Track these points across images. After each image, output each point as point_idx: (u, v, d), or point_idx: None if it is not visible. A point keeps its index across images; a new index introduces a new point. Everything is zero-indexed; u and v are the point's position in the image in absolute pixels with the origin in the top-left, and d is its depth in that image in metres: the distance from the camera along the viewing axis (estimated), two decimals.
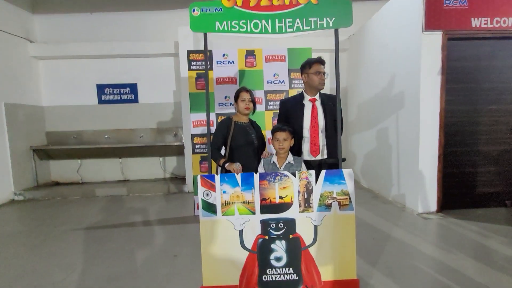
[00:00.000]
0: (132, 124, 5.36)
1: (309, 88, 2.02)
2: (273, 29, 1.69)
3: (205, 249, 1.69)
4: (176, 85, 5.32)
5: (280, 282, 1.70)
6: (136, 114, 5.35)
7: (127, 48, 5.09)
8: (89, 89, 5.31)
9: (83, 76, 5.28)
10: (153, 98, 5.35)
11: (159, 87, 5.32)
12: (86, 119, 5.32)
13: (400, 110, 3.60)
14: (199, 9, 1.66)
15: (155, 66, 5.29)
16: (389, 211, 3.43)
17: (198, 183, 1.68)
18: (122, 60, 5.26)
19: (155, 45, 5.09)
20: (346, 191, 1.69)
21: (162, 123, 5.39)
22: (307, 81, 2.02)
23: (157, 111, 5.35)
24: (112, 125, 5.35)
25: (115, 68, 5.28)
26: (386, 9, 3.92)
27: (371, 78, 4.43)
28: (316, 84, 1.98)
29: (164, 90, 5.34)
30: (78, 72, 5.28)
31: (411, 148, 3.39)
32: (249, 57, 3.48)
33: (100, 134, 5.34)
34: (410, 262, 2.20)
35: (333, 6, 1.68)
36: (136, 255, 2.48)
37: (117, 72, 5.30)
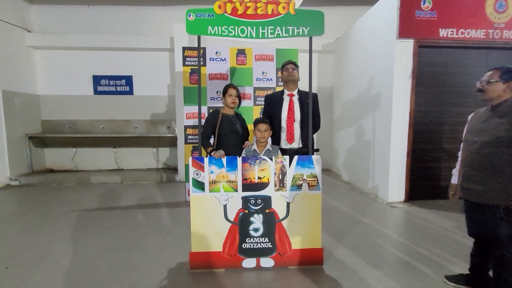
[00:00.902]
0: (127, 115, 5.57)
1: (285, 83, 2.36)
2: (257, 34, 1.98)
3: (194, 220, 1.98)
4: (170, 79, 5.55)
5: (257, 250, 2.02)
6: (131, 106, 5.56)
7: (123, 42, 5.28)
8: (85, 80, 5.47)
9: (79, 67, 5.44)
10: (148, 90, 5.56)
11: (154, 80, 5.54)
12: (82, 108, 5.49)
13: (376, 110, 3.95)
14: (194, 14, 1.94)
15: (150, 60, 5.49)
16: (363, 201, 3.80)
17: (190, 164, 1.97)
18: (119, 53, 5.45)
19: (151, 40, 5.30)
20: (315, 174, 2.01)
21: (156, 115, 5.62)
22: (281, 77, 2.39)
23: (152, 104, 5.57)
24: (107, 116, 5.55)
25: (111, 60, 5.46)
26: (368, 16, 4.25)
27: (353, 79, 4.78)
28: (286, 78, 2.34)
29: (159, 83, 5.56)
30: (75, 63, 5.43)
31: (384, 144, 3.75)
32: (240, 56, 3.76)
33: (95, 124, 5.53)
34: (373, 240, 2.55)
35: (308, 17, 1.98)
36: (132, 232, 2.75)
37: (113, 64, 5.48)
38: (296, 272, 1.99)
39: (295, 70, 2.34)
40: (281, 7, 1.99)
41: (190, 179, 1.97)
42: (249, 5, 1.96)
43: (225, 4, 1.95)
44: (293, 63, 2.37)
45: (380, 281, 1.89)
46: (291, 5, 1.97)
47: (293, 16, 1.97)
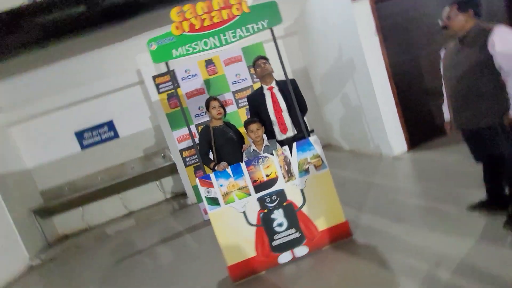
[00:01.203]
0: (120, 158, 5.54)
1: (261, 79, 2.40)
2: (220, 42, 2.01)
3: (220, 235, 2.01)
4: (150, 110, 5.54)
5: (288, 242, 2.06)
6: (121, 149, 5.54)
7: (93, 89, 5.25)
8: (68, 138, 5.43)
9: (59, 128, 5.40)
10: (132, 128, 5.54)
11: (134, 117, 5.52)
12: (74, 167, 5.45)
13: (354, 74, 4.02)
14: (155, 43, 1.96)
15: (125, 98, 5.47)
16: (369, 163, 3.87)
17: (198, 185, 2.00)
18: (92, 102, 5.41)
19: (120, 79, 5.28)
20: (317, 154, 2.05)
21: (148, 149, 5.61)
22: (256, 74, 2.41)
23: (140, 140, 5.56)
24: (102, 165, 5.52)
25: (87, 111, 5.42)
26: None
27: (323, 53, 4.84)
28: (258, 73, 2.38)
29: (140, 118, 5.55)
30: (53, 126, 5.38)
31: (371, 104, 3.82)
32: (209, 66, 3.78)
33: (92, 177, 5.49)
34: (390, 197, 2.62)
35: (263, 11, 2.02)
36: (167, 268, 2.77)
37: (91, 114, 5.44)
38: (330, 251, 2.04)
39: (267, 63, 2.38)
40: (235, 9, 2.02)
41: (203, 198, 2.00)
42: (204, 17, 1.99)
43: (181, 24, 1.97)
44: (263, 57, 2.41)
45: (409, 233, 1.95)
46: (243, 5, 2.00)
47: (248, 14, 2.01)
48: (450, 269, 1.53)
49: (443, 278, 1.49)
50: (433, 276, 1.53)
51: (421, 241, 1.83)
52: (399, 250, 1.82)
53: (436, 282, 1.49)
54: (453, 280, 1.46)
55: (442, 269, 1.55)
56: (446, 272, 1.52)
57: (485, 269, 1.46)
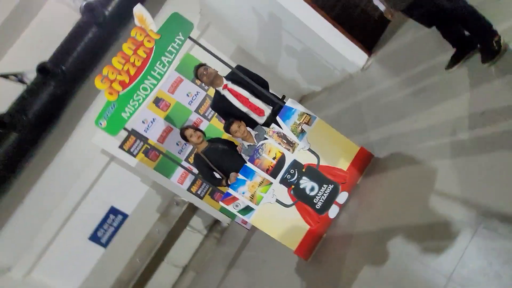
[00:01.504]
0: (142, 231, 5.46)
1: (212, 85, 2.37)
2: (156, 79, 1.98)
3: (270, 232, 2.07)
4: (137, 175, 5.42)
5: (328, 198, 2.13)
6: (137, 223, 5.46)
7: (75, 194, 5.08)
8: (87, 247, 5.28)
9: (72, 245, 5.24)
10: (134, 200, 5.42)
11: (129, 190, 5.39)
12: (109, 266, 5.38)
13: (282, 25, 4.00)
14: (103, 119, 1.92)
15: (109, 181, 5.31)
16: (346, 88, 3.95)
17: (224, 206, 2.02)
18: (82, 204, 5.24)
19: (92, 169, 5.12)
20: (301, 112, 2.10)
21: (160, 207, 5.55)
22: (205, 83, 2.38)
23: (147, 205, 5.48)
24: (132, 249, 5.44)
25: (85, 214, 5.25)
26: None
27: (244, 24, 4.78)
28: (206, 81, 2.34)
29: (134, 187, 5.43)
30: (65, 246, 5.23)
31: (312, 38, 3.79)
32: (160, 103, 3.72)
33: (131, 264, 5.42)
34: (381, 103, 2.70)
35: (171, 27, 1.99)
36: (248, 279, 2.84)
37: (90, 214, 5.29)
38: (366, 180, 2.13)
39: (208, 68, 2.33)
40: (146, 42, 1.98)
41: (236, 214, 2.04)
42: (126, 67, 1.95)
43: (112, 87, 1.93)
44: (201, 65, 2.35)
45: (416, 121, 2.04)
46: (151, 34, 1.96)
47: (161, 39, 1.97)
48: (467, 128, 1.63)
49: (466, 138, 1.59)
50: (457, 142, 1.63)
51: (432, 119, 1.92)
52: (417, 140, 1.91)
53: (463, 145, 1.58)
54: (474, 135, 1.56)
55: (460, 132, 1.65)
56: (465, 132, 1.61)
57: (491, 108, 1.56)
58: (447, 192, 1.50)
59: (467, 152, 1.54)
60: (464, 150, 1.56)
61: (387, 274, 1.51)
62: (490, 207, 1.27)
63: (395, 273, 1.47)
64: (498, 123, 1.48)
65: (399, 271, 1.45)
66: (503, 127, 1.43)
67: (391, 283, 1.46)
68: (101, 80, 1.92)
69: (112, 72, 1.93)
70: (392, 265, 1.51)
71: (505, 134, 1.41)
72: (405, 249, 1.50)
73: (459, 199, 1.42)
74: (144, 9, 1.90)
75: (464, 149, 1.56)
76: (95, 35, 3.98)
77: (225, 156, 2.36)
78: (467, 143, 1.57)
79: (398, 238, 1.57)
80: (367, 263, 1.66)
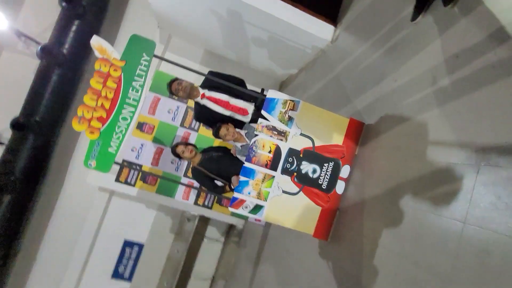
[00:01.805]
0: (162, 255, 5.45)
1: (190, 97, 2.32)
2: (133, 105, 1.94)
3: (285, 223, 2.09)
4: (142, 202, 5.38)
5: (331, 176, 2.14)
6: (155, 249, 5.43)
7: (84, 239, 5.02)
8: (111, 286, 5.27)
9: None
10: (145, 228, 5.39)
11: (137, 219, 5.35)
12: None
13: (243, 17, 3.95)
14: (91, 159, 1.88)
15: (116, 216, 5.27)
16: (321, 64, 3.95)
17: (234, 210, 2.02)
18: (96, 245, 5.20)
19: (97, 208, 5.05)
20: (284, 100, 2.09)
21: (172, 227, 5.52)
22: (182, 97, 2.33)
23: (159, 228, 5.44)
24: (156, 275, 5.44)
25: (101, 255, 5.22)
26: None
27: (205, 26, 4.69)
28: (183, 96, 2.28)
29: (142, 215, 5.38)
30: None
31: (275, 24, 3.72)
32: (144, 127, 3.67)
33: None
34: (359, 70, 2.71)
35: (134, 50, 1.94)
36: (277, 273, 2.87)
37: (106, 253, 5.25)
38: (362, 149, 2.15)
39: (181, 82, 2.29)
40: (113, 71, 1.93)
41: (247, 215, 2.04)
42: (100, 102, 1.90)
43: (91, 126, 1.88)
44: (173, 80, 2.31)
45: (396, 79, 2.06)
46: (115, 62, 1.91)
47: (127, 64, 1.93)
48: (446, 73, 1.65)
49: (447, 84, 1.61)
50: (440, 90, 1.65)
51: (410, 74, 1.93)
52: (402, 98, 1.92)
53: (445, 91, 1.61)
54: (454, 78, 1.58)
55: (440, 79, 1.67)
56: (445, 78, 1.63)
57: (464, 48, 1.58)
58: (442, 140, 1.53)
59: (451, 97, 1.56)
60: (448, 95, 1.58)
61: (405, 233, 1.54)
62: (486, 143, 1.30)
63: (413, 231, 1.50)
64: (473, 60, 1.50)
65: (416, 228, 1.48)
66: (480, 63, 1.45)
67: (410, 240, 1.49)
68: (78, 121, 1.87)
69: (87, 110, 1.88)
70: (408, 224, 1.54)
71: (483, 69, 1.43)
72: (416, 205, 1.53)
73: (455, 144, 1.44)
74: (101, 39, 1.85)
75: (448, 94, 1.58)
76: (59, 76, 3.87)
77: (222, 162, 2.35)
78: (449, 88, 1.59)
79: (407, 196, 1.60)
80: (384, 227, 1.68)
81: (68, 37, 3.87)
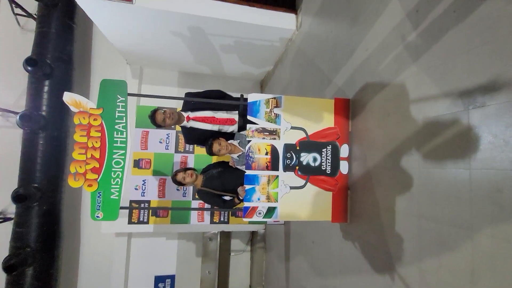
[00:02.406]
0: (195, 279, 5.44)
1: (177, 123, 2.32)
2: (122, 148, 1.95)
3: (302, 217, 2.09)
4: (158, 236, 5.34)
5: (333, 159, 2.15)
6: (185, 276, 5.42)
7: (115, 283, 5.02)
8: None
9: None
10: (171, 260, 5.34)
11: (159, 254, 5.32)
12: None
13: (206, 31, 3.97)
14: (97, 211, 1.88)
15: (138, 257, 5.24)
16: (293, 56, 3.96)
17: (249, 219, 2.03)
18: None
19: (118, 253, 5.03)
20: (266, 99, 2.10)
21: (197, 251, 5.51)
22: (169, 126, 2.33)
23: (184, 254, 5.43)
24: None
25: None
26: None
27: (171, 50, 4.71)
28: (171, 123, 2.27)
29: (162, 247, 5.35)
30: None
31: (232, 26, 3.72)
32: (140, 164, 3.67)
33: None
34: (330, 49, 2.72)
35: (106, 94, 1.94)
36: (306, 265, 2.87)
37: None
38: (354, 124, 2.16)
39: (165, 111, 2.27)
40: (93, 120, 1.93)
41: (262, 220, 2.04)
42: (90, 153, 1.90)
43: (87, 179, 1.88)
44: (155, 111, 2.30)
45: (367, 47, 2.07)
46: (92, 111, 1.92)
47: (105, 109, 1.93)
48: (412, 29, 1.66)
49: (415, 38, 1.62)
50: (410, 46, 1.66)
51: (378, 39, 1.94)
52: (377, 64, 1.93)
53: (416, 45, 1.62)
54: (421, 31, 1.59)
55: (408, 35, 1.68)
56: (412, 33, 1.64)
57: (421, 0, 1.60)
58: (426, 95, 1.54)
59: (423, 50, 1.57)
60: (419, 49, 1.59)
61: (417, 194, 1.54)
62: (468, 87, 1.31)
63: (423, 189, 1.50)
64: (433, 9, 1.51)
65: (425, 185, 1.49)
66: (440, 10, 1.47)
67: (424, 199, 1.49)
68: (74, 178, 1.87)
69: (79, 165, 1.89)
70: (417, 184, 1.54)
71: (445, 15, 1.44)
72: (420, 164, 1.53)
73: (440, 95, 1.45)
74: (72, 94, 1.85)
75: (419, 48, 1.59)
76: (46, 139, 3.88)
77: (224, 177, 2.36)
78: (419, 41, 1.60)
79: (409, 158, 1.61)
80: (396, 193, 1.69)
81: (42, 98, 3.87)
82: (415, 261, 1.53)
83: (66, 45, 4.12)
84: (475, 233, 1.22)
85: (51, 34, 3.99)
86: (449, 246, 1.34)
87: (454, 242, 1.31)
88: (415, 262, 1.53)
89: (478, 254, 1.21)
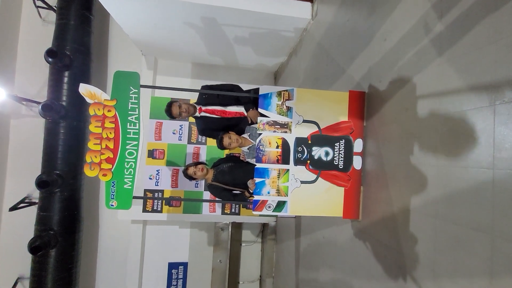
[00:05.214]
0: (207, 267, 5.57)
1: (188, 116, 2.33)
2: (135, 139, 1.98)
3: (313, 212, 2.07)
4: (171, 224, 5.48)
5: (346, 154, 2.09)
6: (198, 263, 5.56)
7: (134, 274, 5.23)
8: None
9: None
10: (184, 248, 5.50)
11: (173, 242, 5.48)
12: None
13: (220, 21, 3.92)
14: (112, 200, 1.94)
15: (152, 243, 5.43)
16: (307, 47, 3.84)
17: (259, 213, 2.02)
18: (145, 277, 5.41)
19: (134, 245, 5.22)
20: (278, 92, 2.05)
21: (209, 240, 5.63)
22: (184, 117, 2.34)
23: (198, 244, 5.57)
24: None
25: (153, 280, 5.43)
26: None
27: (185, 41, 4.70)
28: (185, 116, 2.31)
29: (176, 236, 5.50)
30: None
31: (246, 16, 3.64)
32: (154, 154, 3.74)
33: None
34: (346, 39, 2.61)
35: (120, 86, 1.97)
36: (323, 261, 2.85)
37: (156, 280, 5.45)
38: (369, 119, 2.07)
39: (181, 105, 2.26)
40: (107, 111, 1.97)
41: (272, 213, 2.03)
42: (104, 144, 1.95)
43: (101, 169, 1.94)
44: (172, 103, 2.31)
45: (385, 38, 1.96)
46: (106, 103, 1.95)
47: (118, 101, 1.96)
48: (436, 19, 1.55)
49: (442, 28, 1.52)
50: (435, 37, 1.55)
51: (398, 31, 1.83)
52: (396, 56, 1.83)
53: (441, 36, 1.51)
54: (447, 21, 1.48)
55: (433, 26, 1.57)
56: (437, 23, 1.53)
57: None
58: (449, 89, 1.44)
59: (449, 41, 1.46)
60: (445, 40, 1.48)
61: (434, 194, 1.47)
62: (495, 80, 1.21)
63: (441, 189, 1.43)
64: None
65: (443, 185, 1.41)
66: None
67: (442, 199, 1.42)
68: (90, 167, 1.93)
69: (94, 155, 1.94)
70: (435, 183, 1.47)
71: (471, 2, 1.33)
72: (438, 162, 1.45)
73: (464, 89, 1.35)
74: (87, 85, 1.89)
75: (444, 39, 1.49)
76: (66, 128, 4.03)
77: (234, 171, 2.36)
78: (445, 32, 1.49)
79: (427, 155, 1.53)
80: (411, 192, 1.62)
81: (63, 89, 4.00)
82: (430, 263, 1.47)
83: (84, 37, 4.21)
84: (496, 238, 1.15)
85: (70, 25, 4.08)
86: (467, 249, 1.28)
87: (473, 246, 1.25)
88: (430, 264, 1.47)
89: (499, 259, 1.14)
